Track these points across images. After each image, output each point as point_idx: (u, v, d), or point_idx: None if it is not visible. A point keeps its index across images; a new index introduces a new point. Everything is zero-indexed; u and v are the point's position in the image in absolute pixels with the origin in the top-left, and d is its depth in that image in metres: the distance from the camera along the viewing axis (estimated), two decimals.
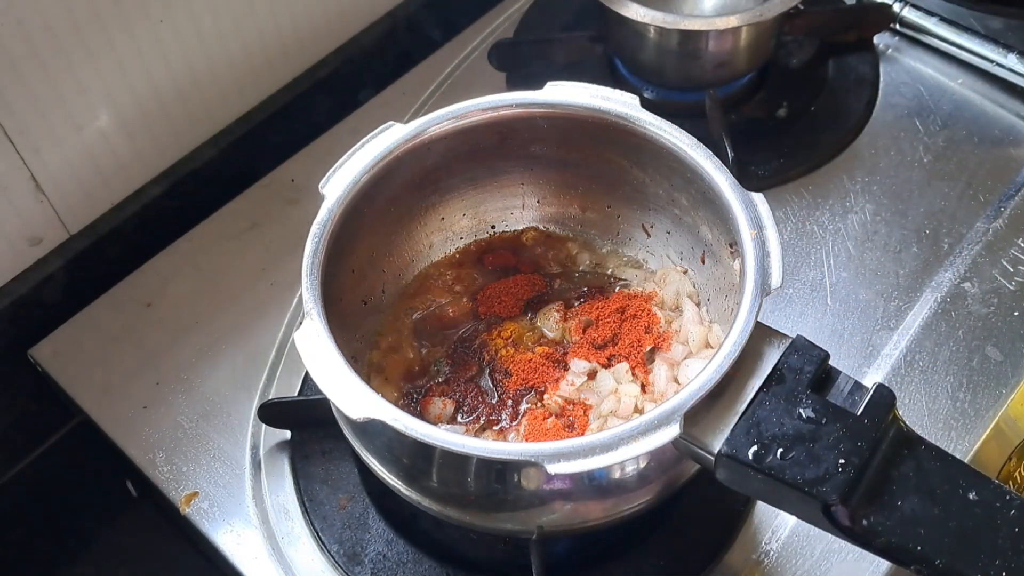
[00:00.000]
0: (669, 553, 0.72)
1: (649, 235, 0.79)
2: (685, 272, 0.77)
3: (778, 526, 0.74)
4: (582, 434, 0.67)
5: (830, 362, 0.60)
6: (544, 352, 0.73)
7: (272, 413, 0.78)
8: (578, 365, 0.72)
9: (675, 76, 0.98)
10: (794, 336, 0.60)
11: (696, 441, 0.57)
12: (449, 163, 0.75)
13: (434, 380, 0.74)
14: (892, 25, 1.06)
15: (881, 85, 1.02)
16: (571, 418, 0.70)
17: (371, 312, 0.76)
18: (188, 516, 0.76)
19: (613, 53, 1.02)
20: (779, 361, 0.59)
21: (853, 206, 0.93)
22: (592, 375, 0.72)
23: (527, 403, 0.71)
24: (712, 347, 0.71)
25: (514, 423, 0.71)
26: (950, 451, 0.56)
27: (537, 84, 0.73)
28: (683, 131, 0.70)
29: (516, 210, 0.82)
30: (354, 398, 0.57)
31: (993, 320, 0.85)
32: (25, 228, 0.85)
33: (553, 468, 0.55)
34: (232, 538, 0.75)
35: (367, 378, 0.73)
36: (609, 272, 0.80)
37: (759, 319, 0.60)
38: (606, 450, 0.55)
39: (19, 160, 0.81)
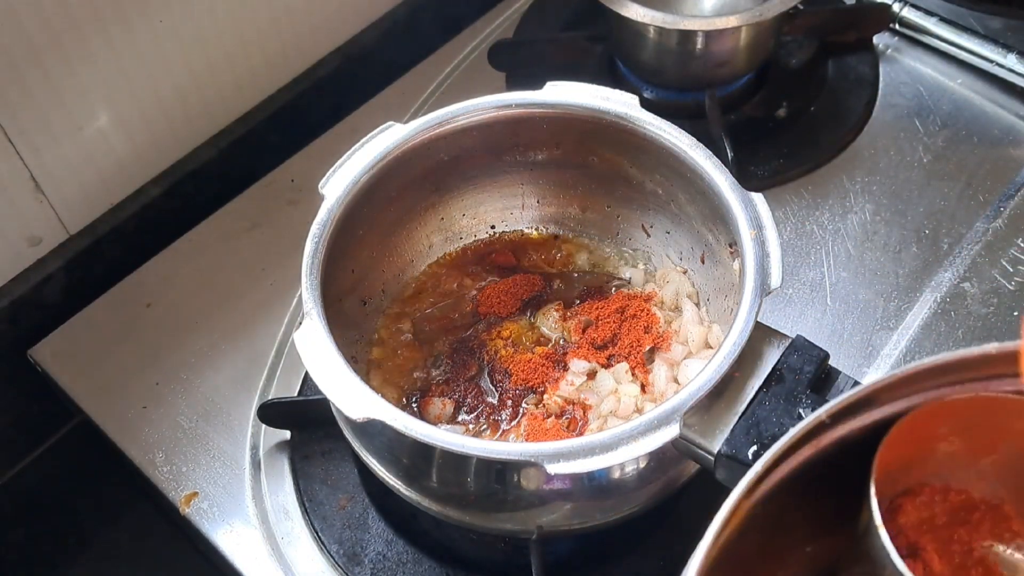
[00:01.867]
0: (669, 553, 0.72)
1: (649, 235, 0.79)
2: (685, 272, 0.77)
3: None
4: (582, 434, 0.68)
5: (830, 362, 0.60)
6: (544, 352, 0.73)
7: (272, 413, 0.78)
8: (578, 365, 0.72)
9: (675, 76, 0.98)
10: (794, 336, 0.60)
11: (696, 441, 0.57)
12: (449, 163, 0.75)
13: (434, 380, 0.74)
14: (892, 25, 1.06)
15: (881, 85, 1.02)
16: (570, 418, 0.70)
17: (371, 312, 0.76)
18: (188, 516, 0.76)
19: (613, 53, 1.02)
20: (779, 361, 0.59)
21: (853, 206, 0.93)
22: (592, 375, 0.72)
23: (527, 403, 0.71)
24: (712, 347, 0.71)
25: (514, 423, 0.71)
26: None
27: (537, 84, 0.73)
28: (683, 131, 0.70)
29: (516, 210, 0.82)
30: (354, 398, 0.57)
31: (993, 320, 0.85)
32: (25, 228, 0.85)
33: (553, 468, 0.55)
34: (232, 538, 0.75)
35: (367, 378, 0.73)
36: (608, 272, 0.80)
37: (759, 319, 0.60)
38: (606, 450, 0.55)
39: (19, 160, 0.81)
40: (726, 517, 0.40)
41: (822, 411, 0.43)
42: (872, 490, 0.43)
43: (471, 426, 0.71)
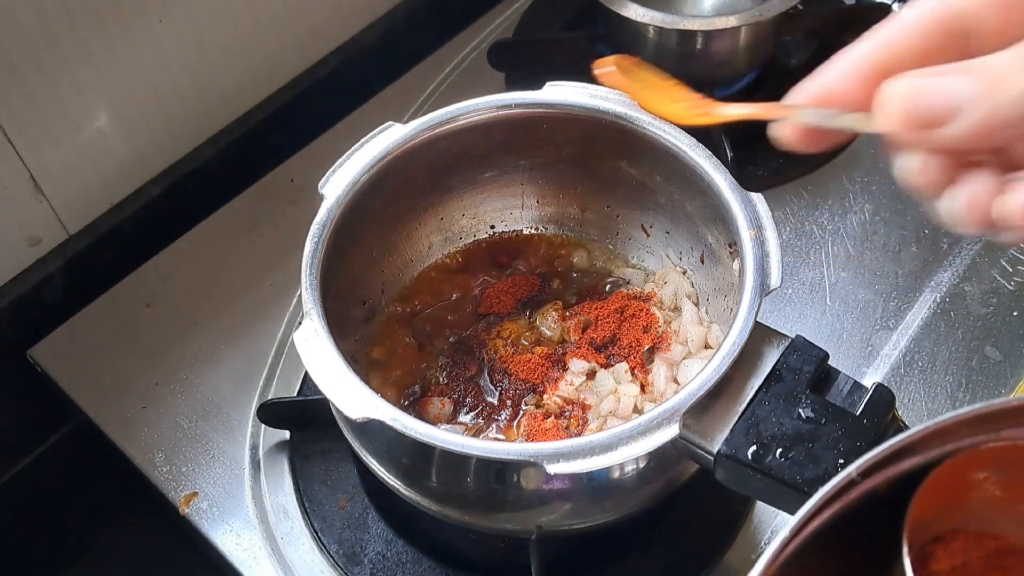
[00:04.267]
0: (669, 553, 0.72)
1: (648, 235, 0.79)
2: (684, 272, 0.77)
3: (778, 526, 0.74)
4: (581, 434, 0.68)
5: (829, 362, 0.60)
6: (543, 352, 0.73)
7: (271, 413, 0.78)
8: (577, 365, 0.72)
9: (674, 76, 0.98)
10: (793, 336, 0.60)
11: (695, 441, 0.57)
12: (448, 163, 0.75)
13: (434, 380, 0.74)
14: None
15: None
16: (570, 418, 0.70)
17: (371, 312, 0.76)
18: (187, 516, 0.76)
19: (612, 53, 1.02)
20: (778, 361, 0.59)
21: (852, 206, 0.93)
22: (591, 375, 0.72)
23: (526, 403, 0.71)
24: (711, 347, 0.71)
25: (513, 423, 0.71)
26: None
27: (536, 84, 0.73)
28: (682, 131, 0.70)
29: (515, 210, 0.82)
30: (354, 398, 0.57)
31: (992, 320, 0.85)
32: (24, 228, 0.85)
33: (552, 468, 0.55)
34: (231, 538, 0.75)
35: (367, 378, 0.73)
36: (608, 272, 0.80)
37: (758, 319, 0.60)
38: (605, 450, 0.55)
39: (18, 160, 0.81)
40: None
41: (852, 469, 0.42)
42: (905, 550, 0.42)
43: (471, 426, 0.71)
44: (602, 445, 0.55)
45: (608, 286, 0.78)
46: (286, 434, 0.80)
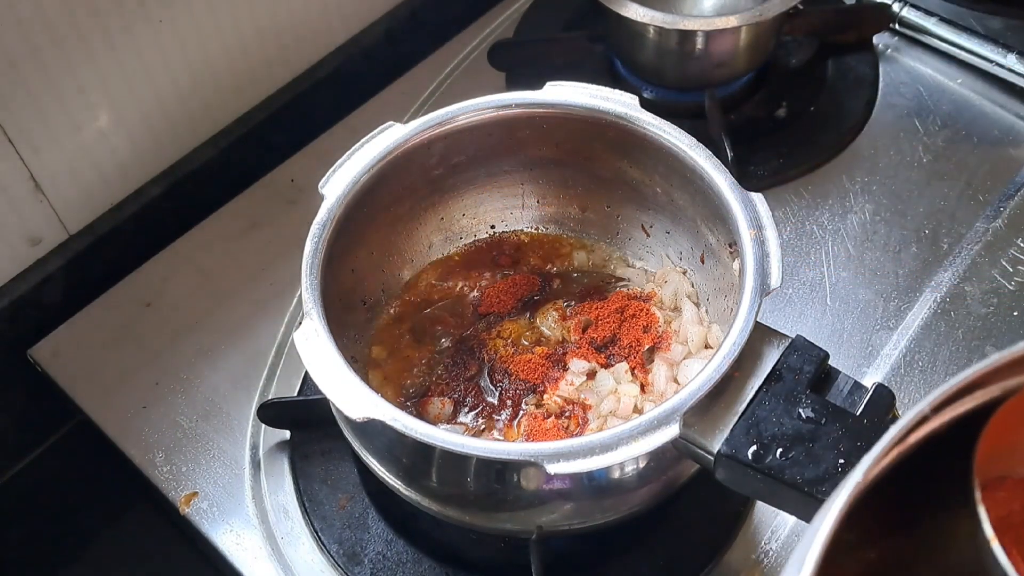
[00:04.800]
0: (669, 553, 0.72)
1: (648, 235, 0.79)
2: (684, 272, 0.77)
3: (778, 526, 0.74)
4: (581, 434, 0.68)
5: (829, 362, 0.60)
6: (543, 352, 0.73)
7: (272, 413, 0.78)
8: (577, 365, 0.72)
9: (674, 76, 0.98)
10: (793, 336, 0.60)
11: (696, 441, 0.57)
12: (448, 163, 0.75)
13: (434, 380, 0.74)
14: (891, 25, 1.06)
15: (880, 85, 1.02)
16: (570, 418, 0.70)
17: (371, 312, 0.76)
18: (188, 516, 0.76)
19: (612, 53, 1.02)
20: (778, 361, 0.59)
21: (852, 206, 0.93)
22: (591, 375, 0.72)
23: (527, 403, 0.71)
24: (711, 347, 0.71)
25: (514, 423, 0.71)
26: None
27: (537, 84, 0.73)
28: (682, 131, 0.70)
29: (516, 210, 0.82)
30: (354, 398, 0.58)
31: (992, 320, 0.85)
32: (24, 228, 0.85)
33: (553, 468, 0.55)
34: (232, 538, 0.75)
35: (366, 378, 0.73)
36: (608, 272, 0.80)
37: (758, 319, 0.60)
38: (606, 450, 0.55)
39: (19, 160, 0.81)
40: (823, 546, 0.37)
41: (924, 404, 0.40)
42: (978, 496, 0.39)
43: (471, 425, 0.71)
44: (602, 445, 0.55)
45: (609, 286, 0.78)
46: (286, 434, 0.80)
